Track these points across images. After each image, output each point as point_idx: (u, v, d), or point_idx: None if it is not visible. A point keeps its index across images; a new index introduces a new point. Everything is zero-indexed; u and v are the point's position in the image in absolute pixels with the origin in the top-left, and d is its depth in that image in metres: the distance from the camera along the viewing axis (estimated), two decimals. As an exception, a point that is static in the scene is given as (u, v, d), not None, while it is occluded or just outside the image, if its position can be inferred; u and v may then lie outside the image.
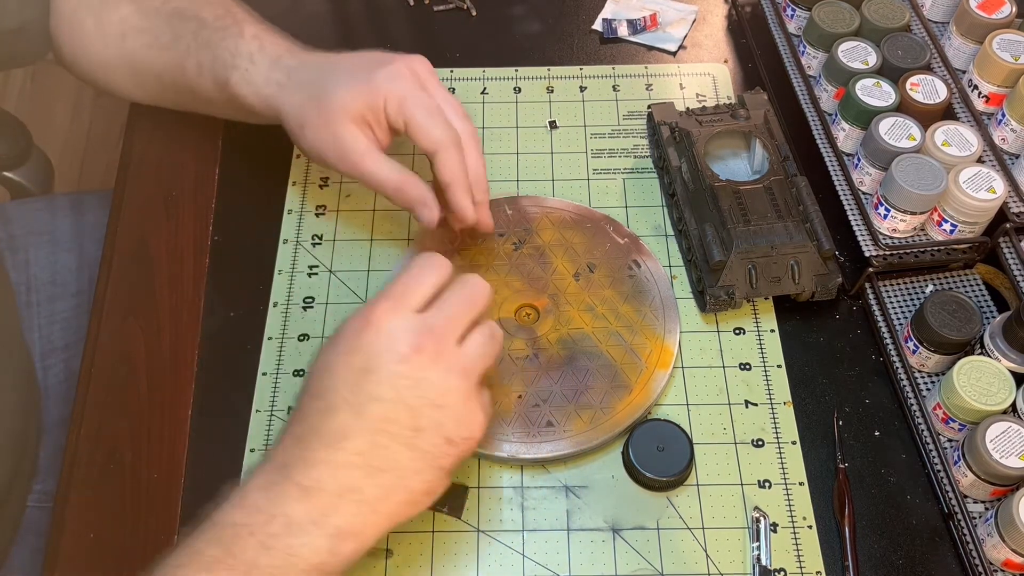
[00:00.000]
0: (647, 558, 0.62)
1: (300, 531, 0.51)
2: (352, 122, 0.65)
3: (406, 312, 0.54)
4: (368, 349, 0.53)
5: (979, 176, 0.68)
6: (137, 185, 0.80)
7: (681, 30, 0.90)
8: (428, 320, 0.54)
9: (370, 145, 0.66)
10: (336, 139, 0.65)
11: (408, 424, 0.52)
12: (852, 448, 0.67)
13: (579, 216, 0.76)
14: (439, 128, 0.65)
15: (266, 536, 0.50)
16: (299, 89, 0.67)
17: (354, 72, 0.66)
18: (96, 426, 0.68)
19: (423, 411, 0.53)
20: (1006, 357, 0.64)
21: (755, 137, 0.75)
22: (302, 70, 0.68)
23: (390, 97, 0.65)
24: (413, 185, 0.66)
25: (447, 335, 0.54)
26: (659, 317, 0.70)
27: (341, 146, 0.66)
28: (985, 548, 0.61)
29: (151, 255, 0.76)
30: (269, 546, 0.50)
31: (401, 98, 0.65)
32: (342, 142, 0.65)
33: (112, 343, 0.71)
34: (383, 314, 0.53)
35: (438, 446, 0.53)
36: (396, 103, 0.65)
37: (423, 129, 0.65)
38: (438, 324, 0.54)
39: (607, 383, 0.67)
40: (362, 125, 0.65)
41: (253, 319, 0.73)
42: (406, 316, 0.54)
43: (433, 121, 0.65)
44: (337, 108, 0.65)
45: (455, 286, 0.56)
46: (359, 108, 0.65)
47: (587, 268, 0.73)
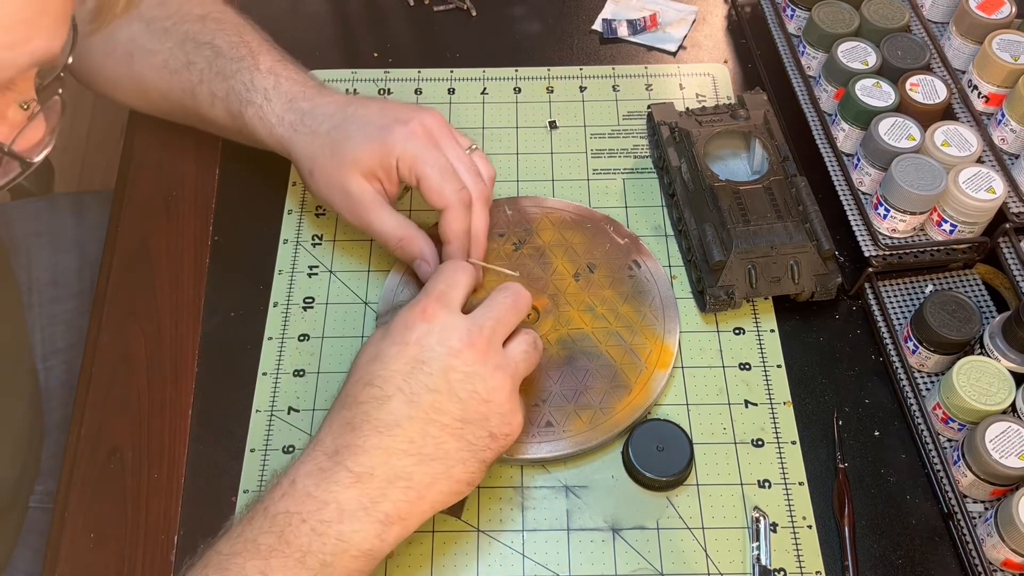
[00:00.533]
0: (647, 558, 0.62)
1: (351, 517, 0.52)
2: (362, 176, 0.66)
3: (454, 310, 0.57)
4: (423, 341, 0.55)
5: (979, 176, 0.68)
6: (137, 185, 0.80)
7: (681, 30, 0.90)
8: (478, 319, 0.57)
9: (377, 197, 0.67)
10: (344, 190, 0.66)
11: (457, 415, 0.55)
12: (852, 448, 0.67)
13: (579, 216, 0.76)
14: (449, 188, 0.65)
15: (318, 523, 0.52)
16: (312, 137, 0.68)
17: (367, 128, 0.66)
18: (96, 426, 0.68)
19: (471, 404, 0.55)
20: (1006, 357, 0.64)
21: (755, 137, 0.75)
22: (315, 116, 0.68)
23: (403, 157, 0.65)
24: (414, 240, 0.68)
25: (495, 335, 0.57)
26: (659, 317, 0.70)
27: (348, 197, 0.67)
28: (985, 548, 0.61)
29: (151, 255, 0.76)
30: (321, 532, 0.52)
31: (414, 157, 0.65)
32: (350, 194, 0.66)
33: (112, 343, 0.72)
34: (436, 310, 0.56)
35: (482, 439, 0.56)
36: (409, 163, 0.65)
37: (434, 189, 0.65)
38: (487, 324, 0.57)
39: (607, 383, 0.67)
40: (372, 179, 0.66)
41: (253, 319, 0.73)
42: (455, 314, 0.57)
43: (444, 181, 0.65)
44: (349, 162, 0.66)
45: (499, 292, 0.59)
46: (370, 164, 0.66)
47: (587, 268, 0.73)
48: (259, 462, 0.66)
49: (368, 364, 0.56)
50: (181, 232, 0.77)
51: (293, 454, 0.57)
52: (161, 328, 0.72)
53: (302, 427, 0.67)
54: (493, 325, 0.57)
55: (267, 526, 0.52)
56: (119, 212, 0.78)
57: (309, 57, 0.88)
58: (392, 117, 0.66)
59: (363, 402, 0.55)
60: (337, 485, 0.52)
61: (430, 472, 0.54)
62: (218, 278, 0.75)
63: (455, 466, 0.55)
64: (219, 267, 0.75)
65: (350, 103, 0.68)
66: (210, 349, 0.71)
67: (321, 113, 0.68)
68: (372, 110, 0.67)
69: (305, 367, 0.70)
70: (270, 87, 0.70)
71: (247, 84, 0.70)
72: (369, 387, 0.55)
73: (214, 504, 0.64)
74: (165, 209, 0.79)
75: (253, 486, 0.65)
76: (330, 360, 0.71)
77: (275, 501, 0.53)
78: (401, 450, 0.54)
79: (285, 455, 0.66)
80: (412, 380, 0.55)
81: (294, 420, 0.68)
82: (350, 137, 0.66)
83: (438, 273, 0.60)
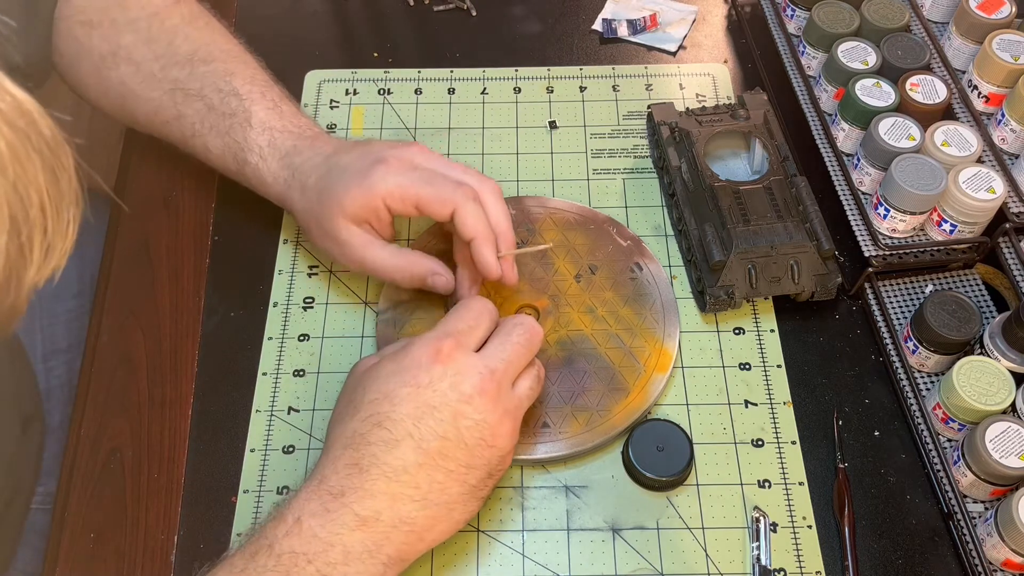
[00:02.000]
0: (647, 558, 0.62)
1: (356, 559, 0.53)
2: (350, 222, 0.65)
3: (468, 352, 0.57)
4: (435, 385, 0.55)
5: (979, 176, 0.68)
6: (137, 185, 0.80)
7: (681, 30, 0.90)
8: (490, 363, 0.57)
9: (367, 237, 0.66)
10: (336, 239, 0.66)
11: (463, 461, 0.55)
12: (852, 448, 0.67)
13: (582, 217, 0.76)
14: (446, 191, 0.64)
15: (324, 564, 0.52)
16: (302, 192, 0.67)
17: (348, 175, 0.65)
18: (96, 426, 0.68)
19: (477, 450, 0.56)
20: (1005, 357, 0.64)
21: (755, 137, 0.75)
22: (304, 171, 0.67)
23: (389, 195, 0.64)
24: (415, 263, 0.67)
25: (506, 378, 0.57)
26: (659, 321, 0.70)
27: (340, 245, 0.66)
28: (985, 548, 0.61)
29: (151, 255, 0.76)
30: (326, 574, 0.52)
31: (400, 188, 0.64)
32: (341, 241, 0.66)
33: (112, 343, 0.72)
34: (451, 351, 0.56)
35: (482, 480, 0.57)
36: (398, 196, 0.64)
37: (433, 200, 0.64)
38: (499, 368, 0.57)
39: (605, 385, 0.67)
40: (360, 223, 0.66)
41: (253, 319, 0.73)
42: (470, 355, 0.57)
43: (437, 188, 0.64)
44: (335, 211, 0.65)
45: (514, 328, 0.59)
46: (356, 210, 0.65)
47: (588, 270, 0.73)
48: (259, 462, 0.66)
49: (378, 403, 0.56)
50: (181, 232, 0.77)
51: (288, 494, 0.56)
52: (161, 328, 0.72)
53: (302, 427, 0.67)
54: (505, 368, 0.57)
55: (272, 564, 0.52)
56: (119, 212, 0.78)
57: (309, 57, 0.89)
58: (372, 159, 0.65)
59: (372, 443, 0.54)
60: (344, 528, 0.53)
61: (433, 515, 0.55)
62: (218, 278, 0.75)
63: (456, 508, 0.56)
64: (219, 267, 0.75)
65: (335, 151, 0.67)
66: (210, 349, 0.71)
67: (309, 166, 0.67)
68: (353, 156, 0.67)
69: (305, 367, 0.70)
70: (264, 145, 0.69)
71: (241, 143, 0.69)
72: (378, 428, 0.55)
73: (214, 504, 0.64)
74: (165, 209, 0.79)
75: (253, 486, 0.65)
76: (330, 360, 0.71)
77: (279, 539, 0.52)
78: (407, 495, 0.54)
79: (285, 455, 0.66)
80: (422, 425, 0.55)
81: (294, 420, 0.68)
82: (333, 186, 0.66)
83: (463, 309, 0.60)
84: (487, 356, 0.57)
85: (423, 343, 0.57)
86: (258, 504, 0.64)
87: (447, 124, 0.84)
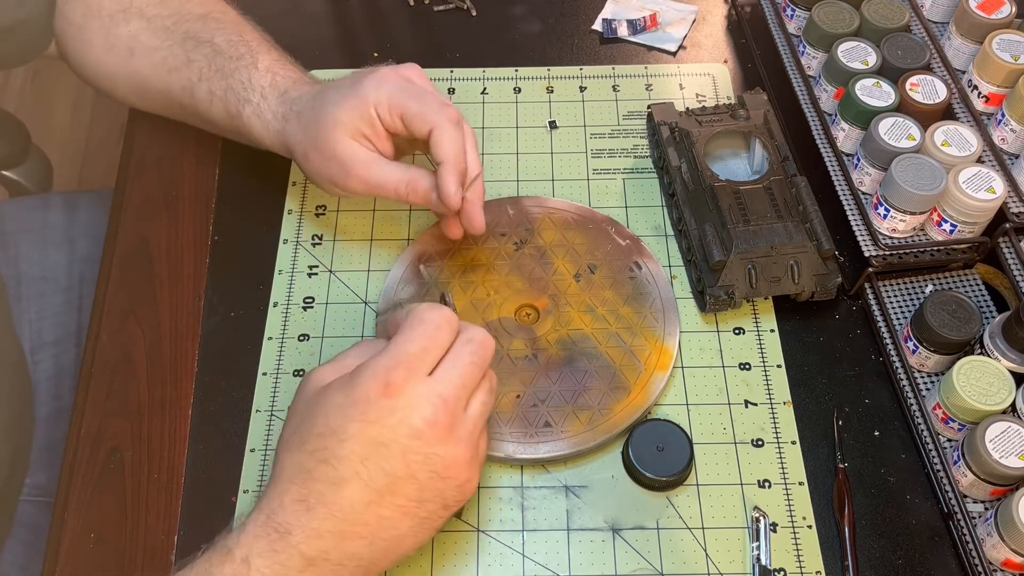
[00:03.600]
0: (647, 558, 0.62)
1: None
2: (349, 137, 0.65)
3: (421, 379, 0.53)
4: (384, 421, 0.52)
5: (979, 176, 0.68)
6: (137, 185, 0.80)
7: (681, 30, 0.90)
8: (443, 390, 0.53)
9: (370, 155, 0.66)
10: (337, 159, 0.65)
11: (414, 496, 0.53)
12: (852, 448, 0.67)
13: (581, 217, 0.76)
14: (432, 109, 0.64)
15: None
16: (299, 119, 0.67)
17: (341, 89, 0.66)
18: (96, 426, 0.68)
19: (429, 484, 0.53)
20: (1006, 357, 0.64)
21: (755, 137, 0.75)
22: (301, 101, 0.68)
23: (379, 102, 0.64)
24: (423, 176, 0.66)
25: (459, 405, 0.54)
26: (659, 319, 0.70)
27: (343, 164, 0.65)
28: (985, 548, 0.61)
29: (151, 255, 0.76)
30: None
31: (389, 96, 0.64)
32: (343, 159, 0.65)
33: (112, 343, 0.71)
34: (401, 384, 0.52)
35: (436, 512, 0.55)
36: (386, 104, 0.65)
37: (417, 113, 0.64)
38: (452, 395, 0.54)
39: (606, 384, 0.67)
40: (359, 138, 0.65)
41: (253, 319, 0.73)
42: (421, 385, 0.53)
43: (425, 103, 0.64)
44: (331, 127, 0.65)
45: (465, 346, 0.55)
46: (352, 122, 0.65)
47: (588, 269, 0.73)
48: (259, 462, 0.66)
49: (324, 437, 0.53)
50: (181, 232, 0.77)
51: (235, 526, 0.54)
52: (161, 328, 0.72)
53: (302, 427, 0.67)
54: (457, 394, 0.54)
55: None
56: (119, 212, 0.78)
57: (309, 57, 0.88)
58: (365, 73, 0.66)
59: (318, 480, 0.52)
60: (291, 568, 0.52)
61: (382, 550, 0.54)
62: (218, 278, 0.75)
63: (406, 540, 0.54)
64: (219, 267, 0.75)
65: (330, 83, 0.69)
66: (210, 349, 0.71)
67: (306, 98, 0.68)
68: (346, 78, 0.68)
69: (305, 367, 0.70)
70: (267, 85, 0.70)
71: (245, 83, 0.70)
72: (324, 465, 0.52)
73: (214, 504, 0.64)
74: (165, 209, 0.79)
75: (253, 486, 0.65)
76: (330, 360, 0.71)
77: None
78: (355, 533, 0.52)
79: (285, 455, 0.66)
80: (370, 464, 0.52)
81: (294, 420, 0.68)
82: (326, 104, 0.66)
83: (420, 324, 0.54)
84: (439, 381, 0.54)
85: (373, 374, 0.53)
86: (258, 504, 0.64)
87: (447, 124, 0.84)
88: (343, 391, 0.53)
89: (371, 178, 0.66)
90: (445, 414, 0.53)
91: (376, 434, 0.52)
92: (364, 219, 0.78)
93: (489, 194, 0.79)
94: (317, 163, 0.67)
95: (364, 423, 0.52)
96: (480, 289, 0.71)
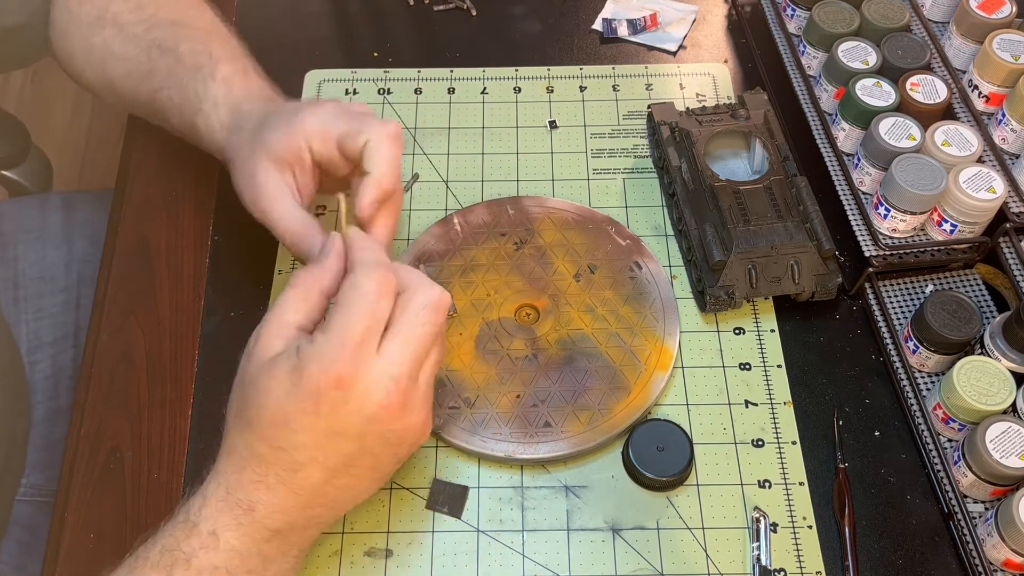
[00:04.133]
0: (647, 558, 0.62)
1: (273, 561, 0.54)
2: (272, 163, 0.63)
3: (371, 362, 0.51)
4: (336, 412, 0.51)
5: (979, 176, 0.68)
6: (137, 185, 0.80)
7: (681, 30, 0.90)
8: (393, 372, 0.52)
9: (282, 189, 0.63)
10: (253, 178, 0.63)
11: (371, 465, 0.55)
12: (852, 448, 0.67)
13: (581, 217, 0.76)
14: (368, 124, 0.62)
15: (244, 573, 0.53)
16: (240, 134, 0.66)
17: (283, 116, 0.65)
18: (96, 426, 0.68)
19: (385, 452, 0.55)
20: (1006, 357, 0.64)
21: (755, 137, 0.75)
22: (251, 117, 0.67)
23: (312, 135, 0.63)
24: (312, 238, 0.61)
25: (412, 379, 0.53)
26: (659, 319, 0.70)
27: (255, 187, 0.63)
28: (985, 548, 0.61)
29: (151, 255, 0.76)
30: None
31: (324, 123, 0.63)
32: (257, 183, 0.63)
33: (112, 343, 0.71)
34: (352, 373, 0.51)
35: (391, 466, 0.56)
36: (320, 134, 0.63)
37: (352, 130, 0.62)
38: (404, 373, 0.52)
39: (606, 384, 0.67)
40: (282, 166, 0.63)
41: (253, 319, 0.72)
42: (372, 369, 0.51)
43: (362, 121, 0.63)
44: (260, 150, 0.63)
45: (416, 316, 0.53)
46: (280, 151, 0.63)
47: (588, 269, 0.73)
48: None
49: (276, 426, 0.52)
50: (181, 232, 0.77)
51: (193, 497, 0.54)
52: (161, 328, 0.72)
53: (302, 427, 0.67)
54: (410, 370, 0.52)
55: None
56: (119, 211, 0.78)
57: (309, 57, 0.89)
58: (311, 103, 0.66)
59: (273, 464, 0.52)
60: (259, 539, 0.53)
61: (343, 507, 0.56)
62: (218, 278, 0.75)
63: (365, 493, 0.57)
64: (219, 267, 0.75)
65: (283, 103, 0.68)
66: (210, 349, 0.71)
67: (254, 115, 0.67)
68: (297, 102, 0.67)
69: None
70: (220, 96, 0.69)
71: (200, 93, 0.69)
72: (280, 452, 0.52)
73: (214, 504, 0.64)
74: (165, 209, 0.79)
75: (253, 486, 0.65)
76: (330, 360, 0.70)
77: (197, 553, 0.52)
78: (317, 503, 0.54)
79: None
80: (326, 449, 0.52)
81: (294, 420, 0.68)
82: (267, 126, 0.64)
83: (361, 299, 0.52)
84: (390, 362, 0.52)
85: (321, 368, 0.50)
86: (258, 504, 0.64)
87: (447, 124, 0.84)
88: (291, 378, 0.51)
89: (270, 212, 0.63)
90: (398, 395, 0.52)
91: (329, 425, 0.51)
92: (364, 219, 0.78)
93: (489, 194, 0.79)
94: (238, 181, 0.66)
95: (316, 416, 0.51)
96: (480, 289, 0.71)
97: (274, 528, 0.53)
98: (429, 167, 0.81)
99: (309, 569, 0.61)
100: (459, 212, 0.76)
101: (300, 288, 0.56)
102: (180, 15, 0.74)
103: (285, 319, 0.55)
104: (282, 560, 0.54)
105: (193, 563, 0.52)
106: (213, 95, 0.69)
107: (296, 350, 0.52)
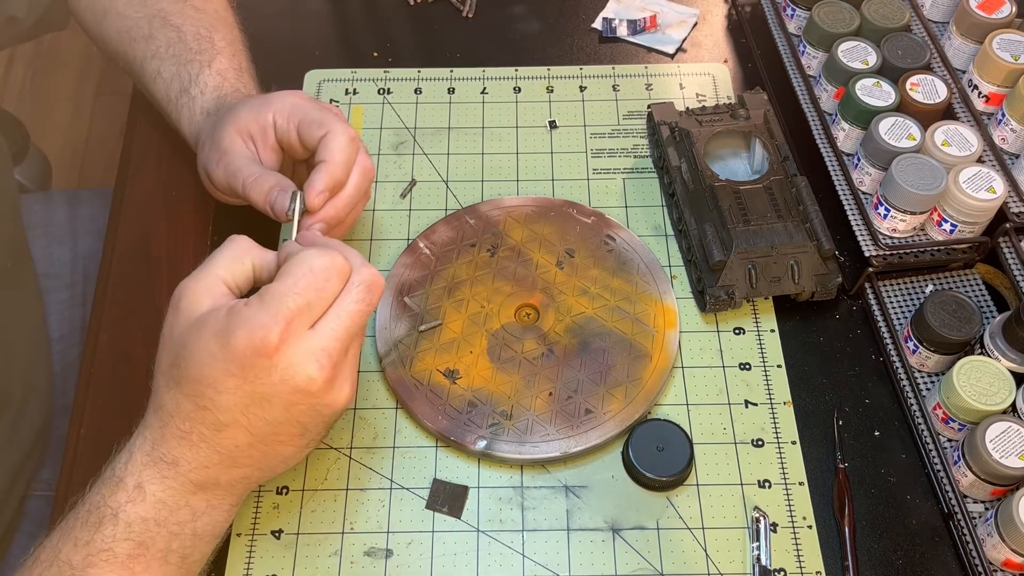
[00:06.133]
0: (647, 558, 0.62)
1: (203, 515, 0.54)
2: (236, 133, 0.66)
3: (302, 335, 0.51)
4: (263, 380, 0.51)
5: (979, 176, 0.68)
6: (137, 184, 0.80)
7: (680, 33, 0.90)
8: (325, 346, 0.52)
9: (246, 152, 0.65)
10: (219, 146, 0.65)
11: (297, 433, 0.55)
12: (852, 448, 0.67)
13: (540, 208, 0.76)
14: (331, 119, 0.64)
15: (174, 525, 0.53)
16: (214, 117, 0.69)
17: (258, 97, 0.68)
18: (96, 426, 0.68)
19: (311, 422, 0.54)
20: (1006, 357, 0.64)
21: (755, 137, 0.75)
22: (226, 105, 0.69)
23: (279, 111, 0.65)
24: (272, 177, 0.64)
25: (343, 354, 0.53)
26: (650, 282, 0.71)
27: (220, 151, 0.65)
28: (985, 548, 0.61)
29: (151, 255, 0.76)
30: (178, 532, 0.53)
31: (292, 105, 0.66)
32: (222, 147, 0.65)
33: (112, 343, 0.71)
34: (283, 341, 0.50)
35: (318, 433, 0.56)
36: (287, 112, 0.65)
37: (315, 120, 0.64)
38: (335, 348, 0.52)
39: (627, 356, 0.68)
40: (246, 137, 0.66)
41: (253, 319, 0.73)
42: (302, 342, 0.51)
43: (326, 115, 0.65)
44: (227, 121, 0.66)
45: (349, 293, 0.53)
46: (247, 121, 0.65)
47: (567, 255, 0.73)
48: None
49: (201, 384, 0.51)
50: (181, 232, 0.77)
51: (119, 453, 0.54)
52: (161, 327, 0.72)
53: (302, 427, 0.67)
54: (342, 346, 0.52)
55: (122, 534, 0.52)
56: (119, 211, 0.78)
57: (309, 57, 0.89)
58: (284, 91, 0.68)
59: (199, 422, 0.52)
60: (185, 492, 0.53)
61: (269, 468, 0.56)
62: (218, 278, 0.75)
63: (292, 457, 0.56)
64: (219, 267, 0.75)
65: None
66: (210, 349, 0.71)
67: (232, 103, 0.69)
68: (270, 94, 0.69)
69: (305, 367, 0.70)
70: (210, 85, 0.71)
71: (193, 76, 0.72)
72: (204, 411, 0.52)
73: (214, 504, 0.64)
74: (165, 208, 0.79)
75: (253, 486, 0.65)
76: (330, 360, 0.70)
77: (123, 506, 0.52)
78: (241, 463, 0.54)
79: (285, 455, 0.66)
80: (251, 414, 0.52)
81: (294, 420, 0.68)
82: (239, 106, 0.67)
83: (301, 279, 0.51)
84: (322, 336, 0.51)
85: (249, 331, 0.50)
86: (257, 502, 0.64)
87: (447, 124, 0.84)
88: (218, 339, 0.51)
89: (238, 172, 0.64)
90: (329, 369, 0.52)
91: (255, 389, 0.51)
92: (364, 219, 0.78)
93: (489, 194, 0.79)
94: (203, 153, 0.68)
95: (242, 380, 0.51)
96: (472, 304, 0.71)
97: (199, 483, 0.53)
98: (429, 167, 0.81)
99: (309, 569, 0.62)
100: (420, 235, 0.75)
101: (234, 249, 0.56)
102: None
103: (216, 274, 0.54)
104: (213, 512, 0.54)
105: (121, 517, 0.52)
106: (204, 82, 0.71)
107: (227, 311, 0.51)
